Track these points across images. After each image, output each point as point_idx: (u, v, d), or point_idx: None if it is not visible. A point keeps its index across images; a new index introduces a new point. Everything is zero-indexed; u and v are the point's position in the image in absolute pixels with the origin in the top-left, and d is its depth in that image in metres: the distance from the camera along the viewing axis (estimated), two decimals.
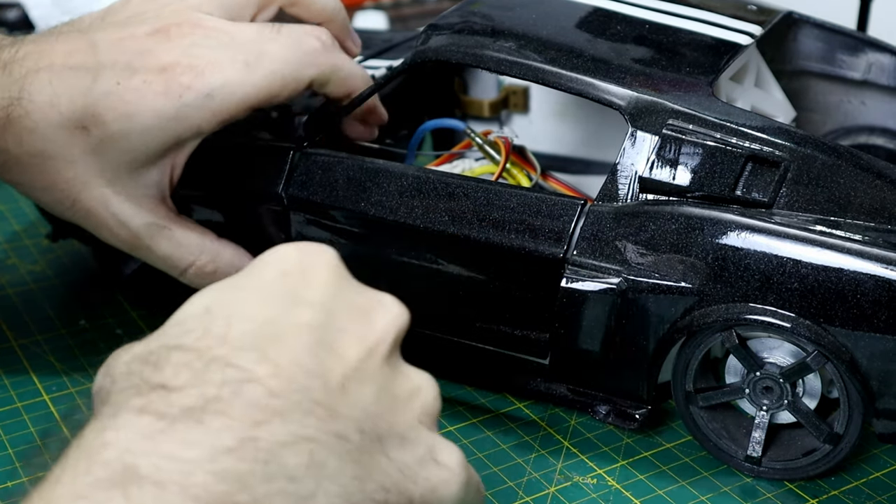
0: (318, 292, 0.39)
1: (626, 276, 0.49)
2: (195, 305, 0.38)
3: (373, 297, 0.41)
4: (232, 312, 0.37)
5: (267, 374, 0.34)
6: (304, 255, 0.40)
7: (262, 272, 0.40)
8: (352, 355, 0.37)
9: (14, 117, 0.51)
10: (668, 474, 0.51)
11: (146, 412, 0.33)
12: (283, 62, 0.52)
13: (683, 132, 0.50)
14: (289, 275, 0.39)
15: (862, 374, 0.47)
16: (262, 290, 0.38)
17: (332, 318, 0.38)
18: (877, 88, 0.64)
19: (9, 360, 0.59)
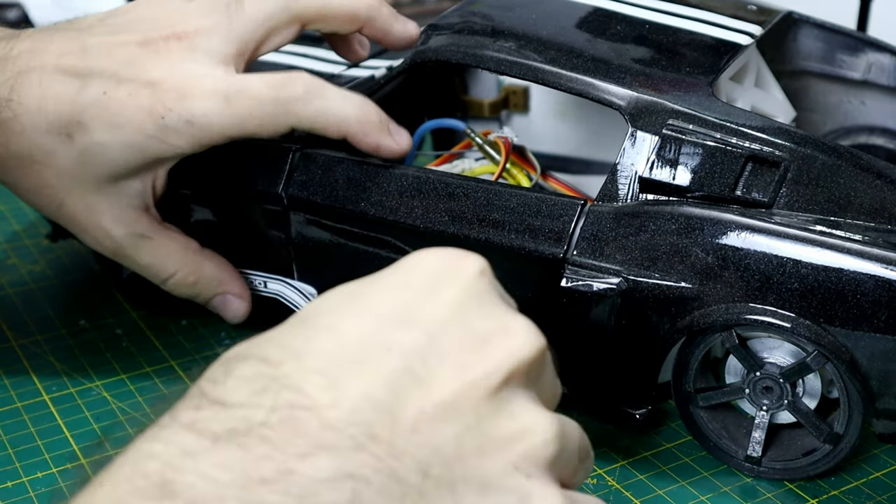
0: (435, 310, 0.35)
1: (626, 276, 0.49)
2: (298, 314, 0.36)
3: (503, 321, 0.36)
4: (323, 325, 0.35)
5: (326, 404, 0.32)
6: (445, 263, 0.37)
7: (386, 279, 0.37)
8: (442, 390, 0.34)
9: (3, 119, 0.51)
10: (668, 474, 0.51)
11: (193, 429, 0.32)
12: (260, 104, 0.51)
13: (683, 132, 0.50)
14: (412, 285, 0.36)
15: (862, 374, 0.47)
16: (370, 301, 0.36)
17: (434, 344, 0.34)
18: (877, 88, 0.64)
19: (9, 360, 0.59)
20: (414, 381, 0.34)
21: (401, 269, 0.37)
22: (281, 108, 0.51)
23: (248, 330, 0.61)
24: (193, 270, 0.56)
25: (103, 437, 0.53)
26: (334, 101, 0.52)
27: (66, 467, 0.51)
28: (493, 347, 0.35)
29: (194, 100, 0.51)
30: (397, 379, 0.33)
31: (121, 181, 0.53)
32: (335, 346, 0.34)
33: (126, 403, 0.56)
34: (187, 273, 0.56)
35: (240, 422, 0.32)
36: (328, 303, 0.36)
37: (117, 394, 0.57)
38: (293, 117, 0.52)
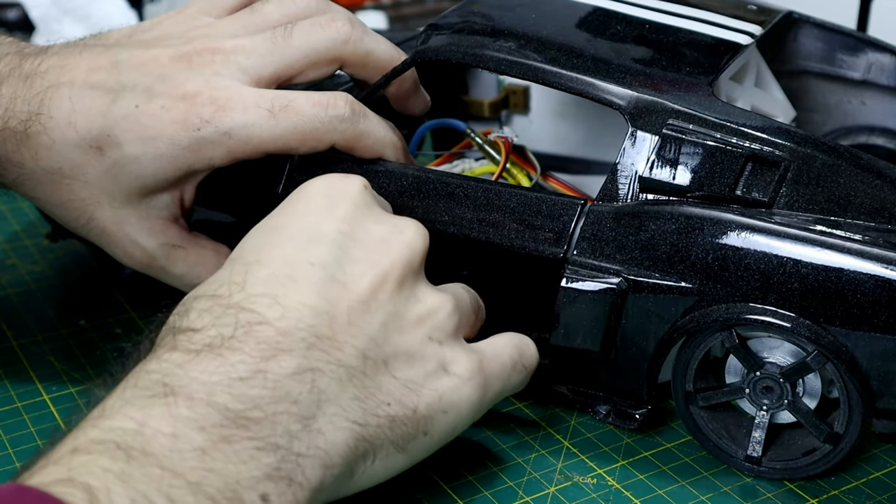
0: (334, 225, 0.44)
1: (626, 276, 0.49)
2: (229, 258, 0.45)
3: (392, 223, 0.46)
4: (254, 259, 0.44)
5: (276, 317, 0.41)
6: (329, 187, 0.46)
7: (290, 210, 0.46)
8: (361, 286, 0.43)
9: (32, 132, 0.51)
10: (668, 474, 0.51)
11: (177, 349, 0.40)
12: (307, 121, 0.51)
13: (683, 132, 0.50)
14: (312, 210, 0.45)
15: (862, 374, 0.47)
16: (285, 232, 0.44)
17: (345, 252, 0.44)
18: (877, 88, 0.64)
19: (9, 360, 0.59)
20: (339, 285, 0.43)
21: (298, 198, 0.47)
22: (326, 127, 0.52)
23: None
24: None
25: None
26: (375, 124, 0.53)
27: None
28: (391, 245, 0.45)
29: (234, 112, 0.50)
30: (325, 286, 0.43)
31: (151, 194, 0.53)
32: (268, 273, 0.43)
33: None
34: None
35: (213, 339, 0.40)
36: (251, 242, 0.45)
37: None
38: (337, 136, 0.52)
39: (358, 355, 0.42)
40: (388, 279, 0.44)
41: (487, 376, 0.46)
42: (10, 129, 0.51)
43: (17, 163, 0.51)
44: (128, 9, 0.91)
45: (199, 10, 0.56)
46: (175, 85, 0.51)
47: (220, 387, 0.39)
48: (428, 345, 0.44)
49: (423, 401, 0.44)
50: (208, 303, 0.42)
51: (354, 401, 0.42)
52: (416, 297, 0.45)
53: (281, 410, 0.39)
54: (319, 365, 0.41)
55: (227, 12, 0.56)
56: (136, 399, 0.38)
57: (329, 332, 0.42)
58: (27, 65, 0.52)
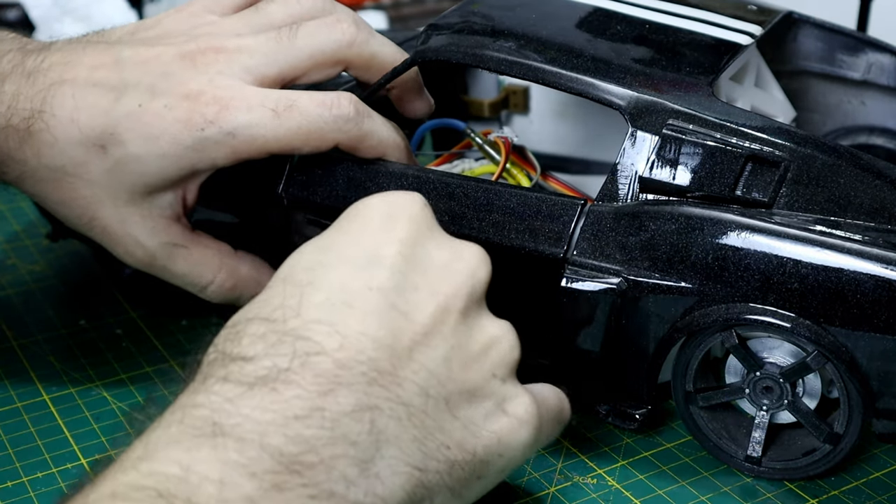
0: (395, 248, 0.41)
1: (626, 276, 0.49)
2: (278, 275, 0.41)
3: (453, 249, 0.43)
4: (307, 280, 0.40)
5: (334, 348, 0.38)
6: (389, 205, 0.43)
7: (346, 228, 0.43)
8: (423, 317, 0.40)
9: (35, 130, 0.50)
10: (668, 474, 0.51)
11: (228, 380, 0.37)
12: (311, 121, 0.51)
13: (683, 132, 0.50)
14: (370, 231, 0.42)
15: (862, 374, 0.47)
16: (341, 252, 0.41)
17: (405, 278, 0.41)
18: (877, 88, 0.64)
19: (9, 360, 0.59)
20: (399, 315, 0.40)
21: (355, 215, 0.43)
22: (330, 127, 0.51)
23: None
24: (231, 274, 0.55)
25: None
26: (379, 124, 0.53)
27: (66, 467, 0.51)
28: (453, 272, 0.42)
29: (238, 112, 0.50)
30: (386, 315, 0.39)
31: (154, 193, 0.52)
32: (324, 297, 0.39)
33: (126, 403, 0.56)
34: (225, 277, 0.55)
35: (267, 370, 0.37)
36: (302, 261, 0.42)
37: (117, 394, 0.57)
38: (341, 136, 0.52)
39: (419, 393, 0.39)
40: (450, 310, 0.41)
41: (542, 420, 0.43)
42: (12, 126, 0.51)
43: (20, 160, 0.51)
44: (128, 9, 0.91)
45: (203, 8, 0.55)
46: (178, 83, 0.50)
47: (273, 426, 0.36)
48: (490, 381, 0.41)
49: (481, 443, 0.41)
50: (262, 327, 0.39)
51: (414, 443, 0.38)
52: (479, 328, 0.42)
53: (338, 453, 0.36)
54: (379, 402, 0.38)
55: (231, 10, 0.56)
56: (183, 438, 0.35)
57: (389, 367, 0.39)
58: (30, 62, 0.51)
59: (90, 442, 0.53)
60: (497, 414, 0.41)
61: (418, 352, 0.39)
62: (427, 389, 0.39)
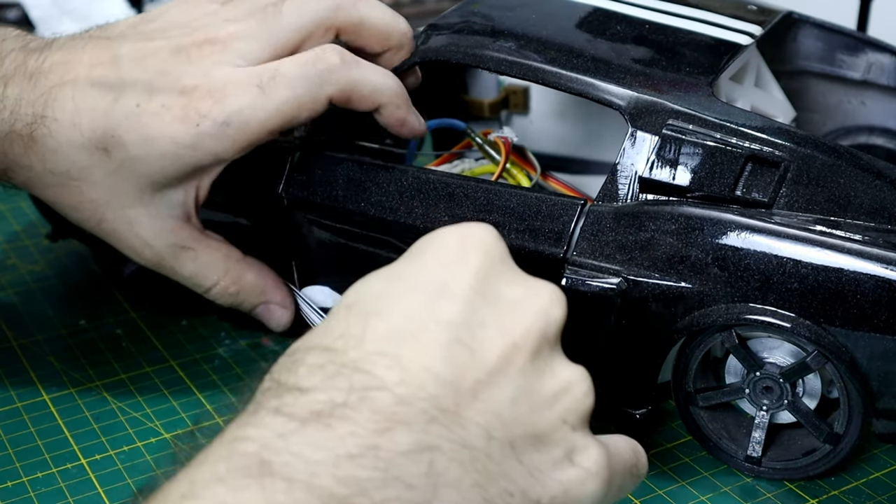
0: (465, 281, 0.39)
1: (626, 276, 0.49)
2: (343, 301, 0.39)
3: (528, 286, 0.40)
4: (372, 310, 0.38)
5: (395, 382, 0.35)
6: (461, 238, 0.40)
7: (416, 259, 0.40)
8: (491, 355, 0.37)
9: (38, 136, 0.50)
10: (668, 474, 0.51)
11: (280, 413, 0.34)
12: (297, 83, 0.50)
13: (683, 132, 0.50)
14: (441, 262, 0.39)
15: (862, 374, 0.47)
16: (409, 282, 0.39)
17: (474, 313, 0.38)
18: (877, 88, 0.64)
19: (9, 360, 0.59)
20: (465, 351, 0.37)
21: (426, 247, 0.40)
22: (317, 82, 0.50)
23: (252, 331, 0.61)
24: (235, 280, 0.55)
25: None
26: (370, 70, 0.52)
27: (66, 467, 0.51)
28: (525, 310, 0.39)
29: (229, 98, 0.50)
30: (451, 351, 0.37)
31: (160, 193, 0.52)
32: (388, 328, 0.37)
33: (126, 403, 0.56)
34: (229, 283, 0.55)
35: (322, 404, 0.34)
36: (369, 289, 0.39)
37: (117, 394, 0.57)
38: (331, 87, 0.51)
39: (482, 435, 0.36)
40: (520, 349, 0.38)
41: (612, 474, 0.40)
42: (16, 132, 0.50)
43: (26, 166, 0.51)
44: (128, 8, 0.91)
45: None
46: (174, 80, 0.50)
47: (324, 466, 0.33)
48: (560, 428, 0.38)
49: (547, 493, 0.37)
50: (322, 357, 0.36)
51: (475, 488, 0.35)
52: (552, 371, 0.39)
53: (391, 497, 0.33)
54: (439, 443, 0.35)
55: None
56: (229, 477, 0.33)
57: (452, 406, 0.36)
58: (31, 62, 0.51)
59: (90, 442, 0.53)
60: (565, 463, 0.38)
61: (484, 391, 0.37)
62: (491, 431, 0.36)
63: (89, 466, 0.51)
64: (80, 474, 0.51)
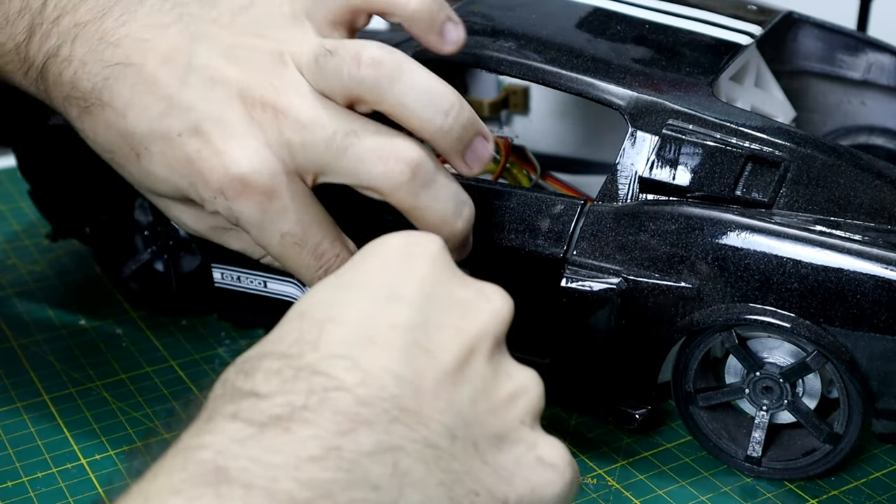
0: (416, 286, 0.39)
1: (626, 276, 0.49)
2: (294, 310, 0.38)
3: (476, 288, 0.40)
4: (326, 316, 0.37)
5: (355, 383, 0.35)
6: (406, 245, 0.40)
7: (363, 265, 0.40)
8: (448, 356, 0.37)
9: (93, 110, 0.48)
10: (668, 474, 0.51)
11: (238, 418, 0.34)
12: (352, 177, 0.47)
13: (683, 132, 0.50)
14: (389, 268, 0.39)
15: (862, 374, 0.47)
16: (360, 287, 0.39)
17: (429, 315, 0.38)
18: (877, 88, 0.64)
19: (9, 360, 0.59)
20: (423, 352, 0.37)
21: (373, 253, 0.40)
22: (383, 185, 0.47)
23: (251, 331, 0.61)
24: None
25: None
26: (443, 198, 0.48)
27: (66, 467, 0.51)
28: (478, 312, 0.39)
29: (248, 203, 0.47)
30: (409, 352, 0.36)
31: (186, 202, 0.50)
32: (344, 333, 0.36)
33: (126, 403, 0.56)
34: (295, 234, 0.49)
35: (282, 408, 0.34)
36: (319, 297, 0.39)
37: (117, 394, 0.57)
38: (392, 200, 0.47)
39: (445, 434, 0.36)
40: (476, 349, 0.38)
41: (575, 470, 0.40)
42: (73, 98, 0.48)
43: (80, 130, 0.50)
44: None
45: (302, 8, 0.49)
46: (221, 136, 0.47)
47: (284, 470, 0.32)
48: (519, 428, 0.38)
49: (514, 491, 0.37)
50: (278, 363, 0.36)
51: (440, 487, 0.35)
52: (506, 373, 0.39)
53: (357, 498, 0.33)
54: (403, 443, 0.35)
55: (327, 23, 0.49)
56: (185, 487, 0.32)
57: (414, 405, 0.36)
58: (109, 22, 0.48)
59: (90, 442, 0.53)
60: (530, 461, 0.38)
61: (444, 391, 0.36)
62: (454, 431, 0.36)
63: (89, 466, 0.51)
64: (80, 474, 0.51)
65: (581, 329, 0.50)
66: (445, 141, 0.47)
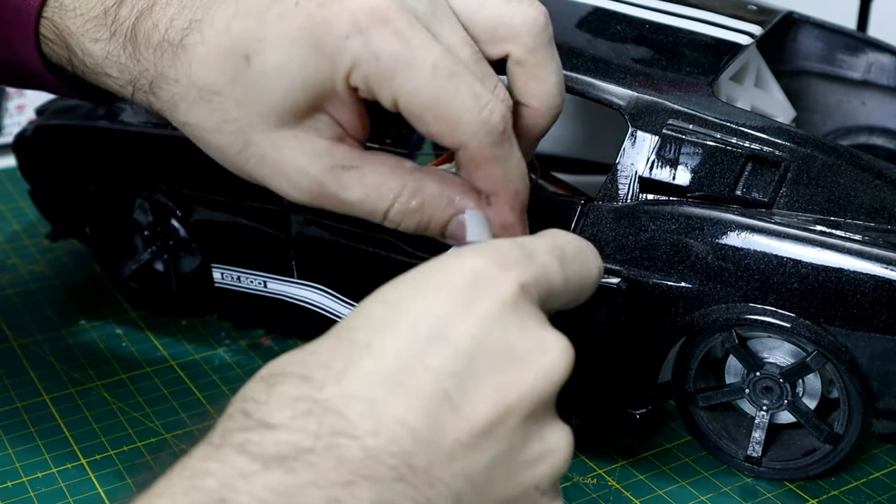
0: (469, 327, 0.35)
1: (626, 276, 0.49)
2: (342, 324, 0.36)
3: (537, 339, 0.37)
4: (364, 341, 0.35)
5: (367, 432, 0.33)
6: (478, 273, 0.37)
7: (423, 285, 0.37)
8: (477, 417, 0.35)
9: (189, 43, 0.44)
10: (668, 474, 0.51)
11: (245, 451, 0.33)
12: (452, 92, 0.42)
13: (683, 132, 0.50)
14: (448, 297, 0.36)
15: (862, 374, 0.47)
16: (410, 314, 0.36)
17: (471, 364, 0.35)
18: (877, 88, 0.64)
19: (9, 360, 0.59)
20: (450, 407, 0.34)
21: (433, 276, 0.37)
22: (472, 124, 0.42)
23: (251, 331, 0.61)
24: (415, 192, 0.45)
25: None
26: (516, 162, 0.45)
27: (66, 467, 0.51)
28: (528, 367, 0.36)
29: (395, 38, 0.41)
30: (434, 405, 0.34)
31: (305, 114, 0.44)
32: (374, 367, 0.34)
33: (126, 403, 0.56)
34: (409, 197, 0.45)
35: (288, 447, 0.33)
36: (367, 316, 0.36)
37: (117, 394, 0.57)
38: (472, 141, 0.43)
39: (450, 497, 0.34)
40: (513, 412, 0.35)
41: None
42: (167, 40, 0.44)
43: (172, 79, 0.45)
44: None
45: None
46: None
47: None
48: (530, 494, 0.36)
49: None
50: (296, 389, 0.34)
51: None
52: (539, 435, 0.36)
53: None
54: (402, 501, 0.33)
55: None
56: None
57: (424, 464, 0.33)
58: None
59: (90, 442, 0.53)
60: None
61: (461, 454, 0.34)
62: (460, 497, 0.34)
63: (89, 466, 0.51)
64: (80, 474, 0.51)
65: (581, 329, 0.50)
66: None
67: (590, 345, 0.51)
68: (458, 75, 0.41)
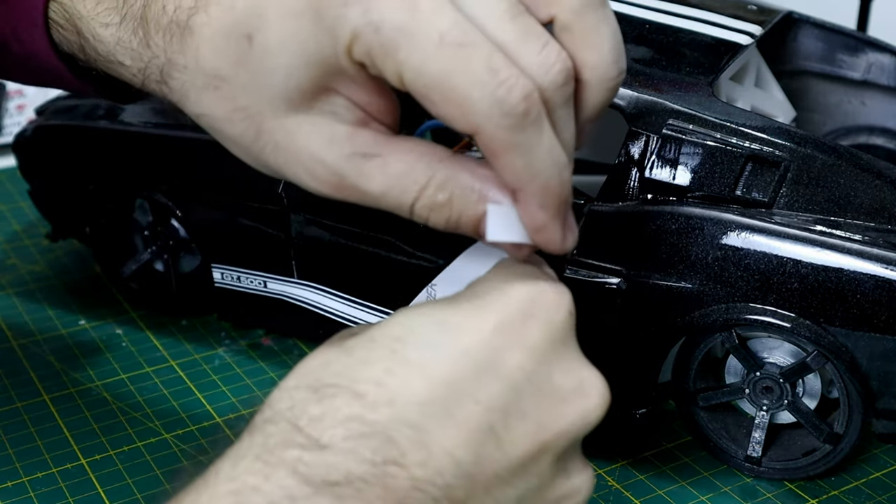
0: (520, 359, 0.36)
1: (626, 276, 0.49)
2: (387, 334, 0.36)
3: (578, 378, 0.37)
4: (418, 360, 0.35)
5: (416, 462, 0.33)
6: (532, 302, 0.37)
7: (476, 314, 0.36)
8: (516, 452, 0.35)
9: (195, 24, 0.41)
10: (668, 474, 0.51)
11: (296, 473, 0.33)
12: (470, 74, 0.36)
13: (683, 132, 0.50)
14: (502, 326, 0.36)
15: (862, 374, 0.47)
16: (464, 340, 0.36)
17: (518, 399, 0.35)
18: (877, 88, 0.64)
19: (9, 360, 0.59)
20: (494, 441, 0.35)
21: (489, 300, 0.37)
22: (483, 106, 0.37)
23: (251, 331, 0.61)
24: (443, 184, 0.40)
25: None
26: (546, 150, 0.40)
27: (66, 467, 0.51)
28: (568, 408, 0.36)
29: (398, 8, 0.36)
30: (480, 437, 0.34)
31: (315, 96, 0.40)
32: (427, 392, 0.34)
33: (126, 403, 0.56)
34: (436, 190, 0.40)
35: (339, 474, 0.33)
36: (420, 332, 0.36)
37: (117, 394, 0.57)
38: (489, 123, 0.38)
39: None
40: (547, 451, 0.36)
41: None
42: (175, 22, 0.41)
43: (181, 66, 0.42)
44: None
45: None
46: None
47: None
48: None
49: None
50: (347, 406, 0.34)
51: None
52: (566, 474, 0.37)
53: None
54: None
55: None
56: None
57: (463, 496, 0.34)
58: None
59: (90, 442, 0.53)
60: None
61: (497, 488, 0.35)
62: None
63: (89, 466, 0.51)
64: (80, 474, 0.51)
65: (581, 329, 0.50)
66: None
67: (590, 345, 0.50)
68: (469, 46, 0.36)
